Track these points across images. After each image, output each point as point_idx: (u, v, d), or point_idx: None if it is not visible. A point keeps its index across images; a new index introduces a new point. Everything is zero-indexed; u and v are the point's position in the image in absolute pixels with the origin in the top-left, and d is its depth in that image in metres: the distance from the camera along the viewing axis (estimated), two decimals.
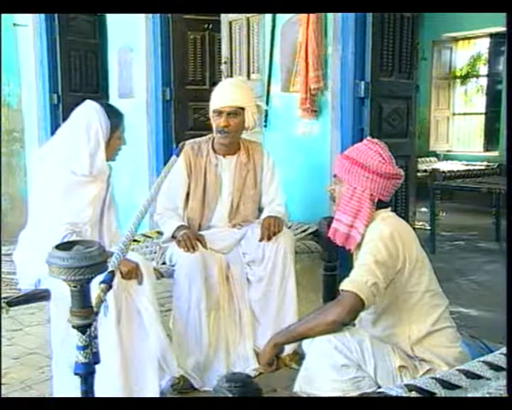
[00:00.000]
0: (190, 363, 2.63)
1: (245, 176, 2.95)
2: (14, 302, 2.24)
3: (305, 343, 1.98)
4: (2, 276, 2.62)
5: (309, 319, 1.94)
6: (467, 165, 7.53)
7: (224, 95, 2.84)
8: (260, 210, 3.01)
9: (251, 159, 2.97)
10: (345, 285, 1.86)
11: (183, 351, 2.63)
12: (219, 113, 2.81)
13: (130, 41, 4.82)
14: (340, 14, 3.35)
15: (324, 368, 1.87)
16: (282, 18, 3.69)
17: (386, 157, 2.01)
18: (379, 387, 1.85)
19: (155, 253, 2.99)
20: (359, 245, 2.01)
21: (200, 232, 2.84)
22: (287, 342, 2.03)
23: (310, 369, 1.92)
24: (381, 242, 1.90)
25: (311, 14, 3.38)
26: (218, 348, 2.71)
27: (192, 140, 2.97)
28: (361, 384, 1.86)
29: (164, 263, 2.81)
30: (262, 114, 3.83)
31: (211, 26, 4.80)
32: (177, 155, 2.19)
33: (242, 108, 2.83)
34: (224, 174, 2.93)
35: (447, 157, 8.66)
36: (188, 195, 2.91)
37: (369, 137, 2.14)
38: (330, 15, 3.40)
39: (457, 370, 1.40)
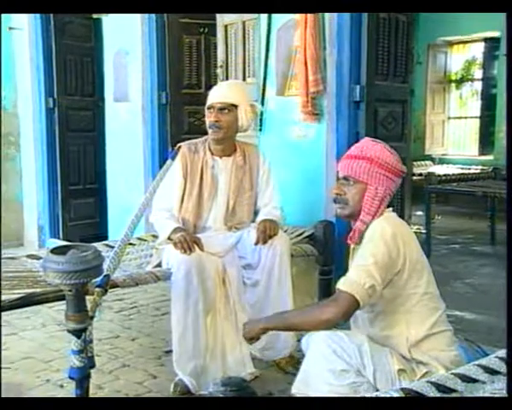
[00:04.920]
0: (189, 367, 2.61)
1: (241, 178, 2.94)
2: (7, 307, 2.20)
3: (304, 346, 1.98)
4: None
5: (304, 312, 1.95)
6: (462, 168, 7.56)
7: (216, 92, 2.90)
8: (256, 213, 3.00)
9: (247, 161, 2.96)
10: (342, 285, 1.86)
11: (182, 354, 2.62)
12: (211, 109, 2.84)
13: (126, 45, 4.82)
14: (335, 18, 3.36)
15: (323, 372, 1.86)
16: (278, 22, 3.69)
17: (397, 156, 2.04)
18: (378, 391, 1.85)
19: (151, 256, 2.98)
20: (359, 241, 2.00)
21: (197, 235, 2.83)
22: (276, 329, 2.02)
23: (308, 373, 1.91)
24: (383, 241, 1.89)
25: (309, 18, 3.37)
26: (214, 351, 2.70)
27: (188, 141, 2.97)
28: (359, 389, 1.85)
29: (159, 265, 2.80)
30: (257, 116, 3.83)
31: (206, 29, 4.80)
32: (173, 159, 2.20)
33: (235, 106, 2.84)
34: (221, 176, 2.92)
35: (442, 161, 8.69)
36: (183, 195, 2.90)
37: (368, 138, 2.13)
38: (326, 19, 3.40)
39: (453, 374, 1.40)
